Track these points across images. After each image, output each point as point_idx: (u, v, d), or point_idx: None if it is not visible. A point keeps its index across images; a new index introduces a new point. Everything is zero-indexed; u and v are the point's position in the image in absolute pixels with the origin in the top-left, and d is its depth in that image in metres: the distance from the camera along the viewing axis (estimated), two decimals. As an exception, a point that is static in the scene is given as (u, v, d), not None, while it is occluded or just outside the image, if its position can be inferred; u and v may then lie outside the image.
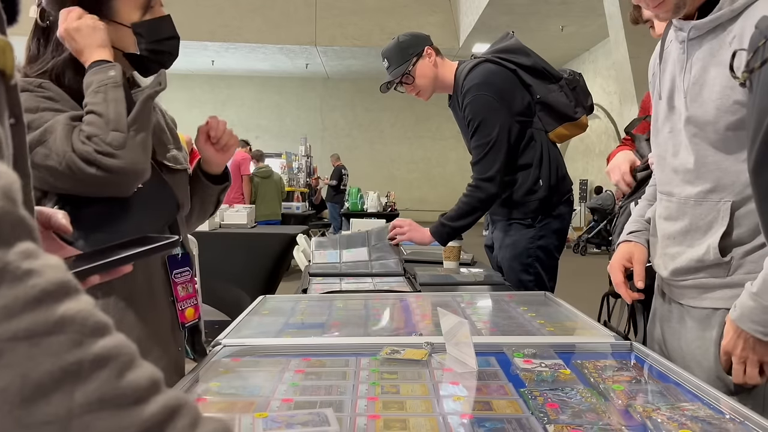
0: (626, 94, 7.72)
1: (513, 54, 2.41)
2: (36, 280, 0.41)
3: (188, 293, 1.39)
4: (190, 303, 1.40)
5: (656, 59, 1.38)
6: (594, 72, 12.87)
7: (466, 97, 2.34)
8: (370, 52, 13.04)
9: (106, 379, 0.41)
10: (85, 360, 0.41)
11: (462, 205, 2.34)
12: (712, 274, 1.23)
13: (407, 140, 17.69)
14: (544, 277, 2.37)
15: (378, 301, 1.83)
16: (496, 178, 2.29)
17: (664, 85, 1.31)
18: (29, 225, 0.43)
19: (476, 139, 2.33)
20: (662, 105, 1.32)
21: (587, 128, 2.53)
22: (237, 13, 12.82)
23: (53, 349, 0.40)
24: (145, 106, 1.22)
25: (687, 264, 1.26)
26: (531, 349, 1.25)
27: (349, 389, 1.06)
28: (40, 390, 0.39)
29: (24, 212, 0.43)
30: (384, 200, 9.61)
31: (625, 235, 1.46)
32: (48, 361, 0.40)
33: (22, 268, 0.41)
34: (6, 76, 0.50)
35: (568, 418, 0.92)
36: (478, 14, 10.88)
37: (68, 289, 0.43)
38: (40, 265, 0.42)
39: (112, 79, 1.19)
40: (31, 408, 0.39)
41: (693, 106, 1.22)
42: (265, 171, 8.12)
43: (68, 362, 0.40)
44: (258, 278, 4.50)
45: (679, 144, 1.27)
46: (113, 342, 0.43)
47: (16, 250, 0.41)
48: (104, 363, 0.42)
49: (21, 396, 0.39)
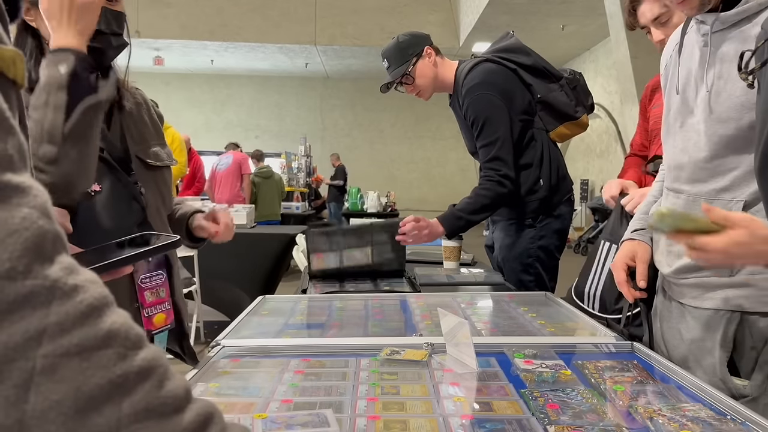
0: (627, 94, 7.71)
1: (513, 53, 2.41)
2: (83, 296, 0.43)
3: (158, 298, 1.35)
4: (161, 309, 1.36)
5: (671, 51, 1.35)
6: (595, 71, 12.86)
7: (467, 97, 2.33)
8: (370, 52, 13.03)
9: (149, 389, 0.44)
10: (131, 372, 0.43)
11: (479, 198, 2.26)
12: (714, 273, 1.22)
13: (407, 140, 17.68)
14: (544, 277, 2.37)
15: (378, 301, 1.83)
16: (512, 176, 2.28)
17: (680, 79, 1.28)
18: (64, 240, 0.45)
19: (483, 137, 2.31)
20: (676, 98, 1.30)
21: (588, 128, 2.53)
22: (237, 12, 12.81)
23: (102, 363, 0.42)
24: (83, 117, 1.14)
25: (691, 262, 1.23)
26: (531, 350, 1.25)
27: (349, 390, 1.05)
28: (92, 402, 0.41)
29: (59, 227, 0.45)
30: (384, 200, 9.61)
31: (629, 233, 1.45)
32: (98, 374, 0.42)
33: (69, 284, 0.43)
34: (17, 86, 0.51)
35: (569, 418, 0.92)
36: (479, 13, 10.86)
37: (109, 303, 0.45)
38: (84, 281, 0.44)
39: (57, 80, 1.13)
40: (84, 420, 0.41)
41: (717, 101, 1.18)
42: (265, 171, 8.11)
43: (116, 375, 0.43)
44: (257, 278, 4.50)
45: (690, 140, 1.25)
46: (152, 354, 0.46)
47: (59, 267, 0.43)
48: (147, 375, 0.44)
49: (75, 408, 0.40)
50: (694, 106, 1.23)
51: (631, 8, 2.09)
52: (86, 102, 1.16)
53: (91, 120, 1.17)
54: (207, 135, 15.45)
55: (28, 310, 0.40)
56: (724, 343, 1.20)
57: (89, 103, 1.16)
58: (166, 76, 16.33)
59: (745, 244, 0.99)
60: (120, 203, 1.30)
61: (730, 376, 1.19)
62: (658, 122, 2.24)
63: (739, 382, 1.18)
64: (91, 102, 1.16)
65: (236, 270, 4.48)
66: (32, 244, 0.41)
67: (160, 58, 13.86)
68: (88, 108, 1.16)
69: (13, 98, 0.52)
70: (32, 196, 0.43)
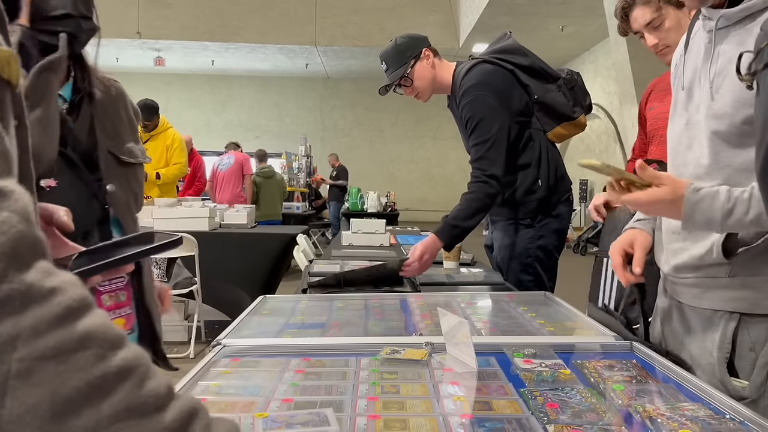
0: (626, 94, 7.72)
1: (510, 54, 2.41)
2: (60, 298, 0.43)
3: (118, 302, 1.32)
4: (120, 313, 1.32)
5: (681, 50, 1.36)
6: (594, 72, 12.86)
7: (464, 98, 2.34)
8: (370, 52, 13.03)
9: (129, 389, 0.43)
10: (110, 373, 0.43)
11: (470, 202, 2.24)
12: (711, 274, 1.22)
13: (407, 140, 17.69)
14: (543, 277, 2.37)
15: (378, 301, 1.83)
16: (499, 175, 2.28)
17: (686, 76, 1.29)
18: (44, 244, 0.45)
19: (475, 137, 2.31)
20: (681, 95, 1.30)
21: (585, 128, 2.54)
22: (237, 13, 12.82)
23: (80, 365, 0.42)
24: (37, 80, 1.08)
25: (688, 261, 1.24)
26: (531, 349, 1.25)
27: (349, 389, 1.06)
28: (69, 405, 0.41)
29: (39, 232, 0.45)
30: (384, 200, 9.62)
31: (632, 222, 1.45)
32: (76, 376, 0.41)
33: (46, 287, 0.42)
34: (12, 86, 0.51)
35: (568, 418, 0.92)
36: (478, 14, 10.87)
37: (88, 304, 0.45)
38: (61, 282, 0.44)
39: None
40: (62, 423, 0.40)
41: (715, 97, 1.19)
42: (267, 171, 8.15)
43: (94, 376, 0.42)
44: (258, 278, 4.50)
45: (693, 137, 1.25)
46: (132, 353, 0.45)
47: (36, 271, 0.43)
48: (127, 374, 0.44)
49: (52, 412, 0.40)
50: (699, 102, 1.24)
51: (623, 14, 2.09)
52: (40, 65, 1.11)
53: (47, 80, 1.13)
54: (207, 135, 15.45)
55: (2, 316, 0.40)
56: (723, 344, 1.20)
57: (42, 64, 1.11)
58: (166, 76, 16.35)
59: (667, 201, 1.14)
60: (78, 201, 1.25)
61: (729, 377, 1.19)
62: (655, 123, 2.25)
63: (738, 383, 1.18)
64: (44, 64, 1.12)
65: (237, 270, 4.48)
66: (9, 248, 0.41)
67: (161, 59, 13.87)
68: (41, 69, 1.11)
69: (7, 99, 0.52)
70: (13, 200, 0.43)
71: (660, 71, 2.35)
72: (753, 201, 1.09)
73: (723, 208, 1.10)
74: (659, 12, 2.02)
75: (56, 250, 0.83)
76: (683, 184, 1.14)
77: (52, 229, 0.82)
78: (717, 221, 1.11)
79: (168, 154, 5.27)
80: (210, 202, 6.09)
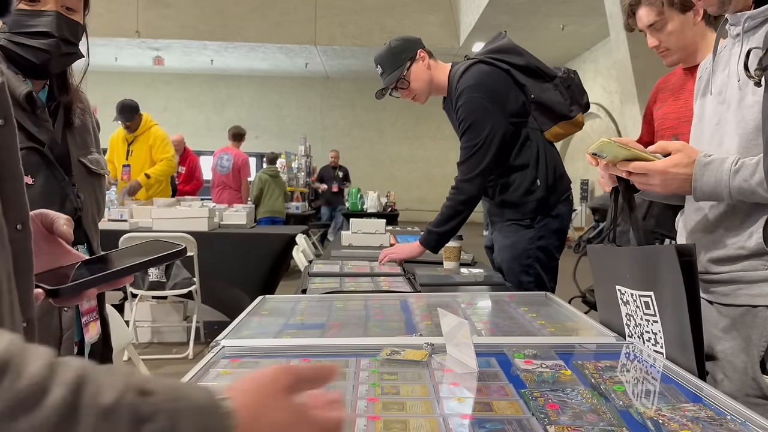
0: (627, 94, 7.71)
1: (506, 54, 2.41)
2: None
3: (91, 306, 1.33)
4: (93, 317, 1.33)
5: (707, 64, 1.38)
6: (595, 71, 12.87)
7: (459, 99, 2.34)
8: (370, 52, 12.98)
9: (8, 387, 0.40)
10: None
11: (445, 209, 2.37)
12: (748, 267, 1.20)
13: (407, 140, 17.69)
14: (544, 277, 2.37)
15: (378, 302, 1.82)
16: (477, 180, 2.31)
17: (716, 84, 1.30)
18: None
19: (464, 140, 2.35)
20: (711, 101, 1.31)
21: (583, 126, 2.53)
22: (237, 12, 12.81)
23: None
24: None
25: (725, 252, 1.23)
26: (531, 350, 1.25)
27: (349, 390, 1.05)
28: None
29: None
30: (384, 200, 9.61)
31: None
32: None
33: None
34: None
35: (569, 419, 0.92)
36: (479, 13, 10.87)
37: None
38: None
39: None
40: None
41: (743, 94, 1.20)
42: (274, 170, 8.34)
43: None
44: (257, 278, 4.50)
45: (724, 134, 1.26)
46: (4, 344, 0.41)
47: None
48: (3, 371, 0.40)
49: None
50: (731, 100, 1.25)
51: (630, 11, 2.10)
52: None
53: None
54: (207, 135, 15.46)
55: None
56: (760, 341, 1.18)
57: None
58: (166, 76, 16.33)
59: (681, 164, 1.18)
60: (52, 201, 1.27)
61: (761, 375, 1.18)
62: (664, 122, 2.25)
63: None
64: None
65: (236, 270, 4.48)
66: None
67: (160, 58, 13.85)
68: None
69: None
70: None
71: (661, 70, 2.35)
72: (760, 166, 1.11)
73: (730, 169, 1.15)
74: (662, 15, 2.03)
75: (58, 258, 0.81)
76: (696, 151, 1.20)
77: (54, 236, 0.81)
78: (724, 181, 1.15)
79: (153, 153, 5.24)
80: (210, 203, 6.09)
